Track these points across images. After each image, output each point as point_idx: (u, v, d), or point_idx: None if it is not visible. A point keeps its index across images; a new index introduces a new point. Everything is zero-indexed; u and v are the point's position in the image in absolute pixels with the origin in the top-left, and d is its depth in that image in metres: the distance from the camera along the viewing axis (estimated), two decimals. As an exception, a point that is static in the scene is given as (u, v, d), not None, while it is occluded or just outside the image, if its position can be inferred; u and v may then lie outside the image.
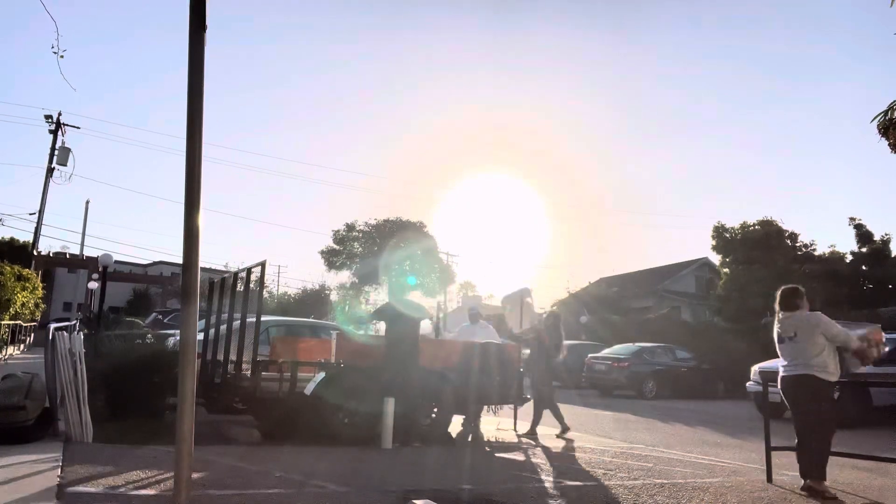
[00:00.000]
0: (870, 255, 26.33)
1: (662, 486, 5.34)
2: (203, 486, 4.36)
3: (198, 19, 2.75)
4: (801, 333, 5.25)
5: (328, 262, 35.84)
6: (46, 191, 26.43)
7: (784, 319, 5.44)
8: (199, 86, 2.74)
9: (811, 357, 5.16)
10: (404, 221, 35.48)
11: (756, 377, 11.98)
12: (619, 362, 17.26)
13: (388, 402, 6.57)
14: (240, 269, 7.67)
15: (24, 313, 20.70)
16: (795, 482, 5.34)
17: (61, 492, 4.04)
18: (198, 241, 2.67)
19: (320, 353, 7.95)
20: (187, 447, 2.51)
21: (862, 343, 5.28)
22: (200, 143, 2.73)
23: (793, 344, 5.30)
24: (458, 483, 5.24)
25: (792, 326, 5.34)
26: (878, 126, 6.13)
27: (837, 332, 5.23)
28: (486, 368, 7.70)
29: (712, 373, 18.11)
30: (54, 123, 27.06)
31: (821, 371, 5.13)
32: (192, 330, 2.64)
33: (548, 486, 5.23)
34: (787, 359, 5.35)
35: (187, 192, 2.67)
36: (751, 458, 7.20)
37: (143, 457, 5.29)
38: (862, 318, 19.44)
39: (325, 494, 4.46)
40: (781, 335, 5.41)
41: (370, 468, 5.62)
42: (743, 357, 15.58)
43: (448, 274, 38.14)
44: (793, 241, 27.67)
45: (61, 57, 5.77)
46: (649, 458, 7.13)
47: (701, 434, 9.88)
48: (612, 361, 17.44)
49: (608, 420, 11.36)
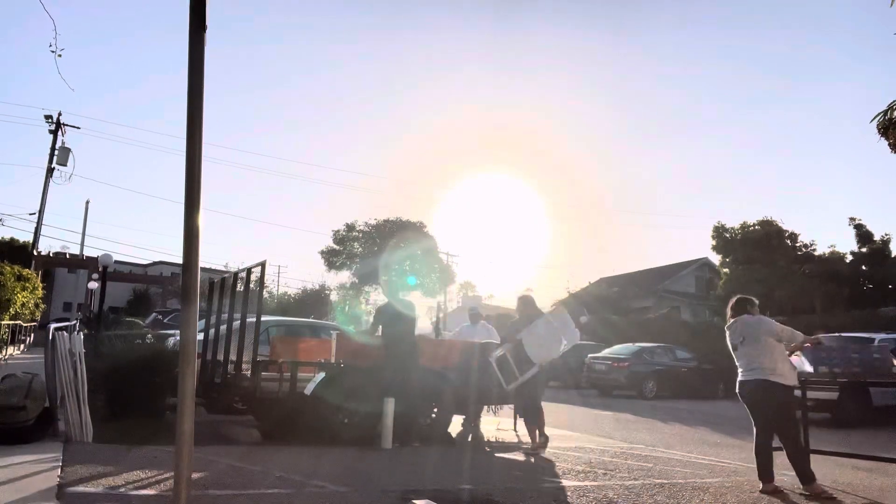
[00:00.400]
0: (870, 255, 26.36)
1: (662, 486, 5.34)
2: (203, 486, 4.36)
3: (198, 19, 2.75)
4: (748, 338, 5.33)
5: (328, 262, 35.86)
6: (46, 191, 26.47)
7: (731, 325, 5.54)
8: (199, 86, 2.73)
9: (762, 362, 5.20)
10: (404, 221, 35.48)
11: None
12: (619, 362, 17.26)
13: (388, 402, 6.57)
14: (240, 269, 7.68)
15: (24, 313, 20.70)
16: (795, 482, 5.34)
17: (61, 492, 4.04)
18: (198, 241, 2.66)
19: (320, 353, 7.94)
20: (187, 447, 2.50)
21: (809, 338, 5.53)
22: (200, 143, 2.73)
23: (743, 349, 5.37)
24: (458, 483, 5.24)
25: (738, 332, 5.43)
26: (878, 126, 6.14)
27: (780, 329, 5.30)
28: (486, 368, 7.70)
29: (712, 373, 18.08)
30: (54, 123, 27.07)
31: (774, 375, 5.15)
32: (192, 330, 2.63)
33: (548, 486, 5.23)
34: (742, 365, 5.40)
35: (187, 192, 2.66)
36: (751, 458, 7.15)
37: (143, 457, 5.29)
38: (862, 319, 19.47)
39: (325, 494, 4.46)
40: (732, 342, 5.50)
41: (370, 468, 5.62)
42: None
43: (448, 274, 38.15)
44: (793, 241, 27.71)
45: (59, 56, 5.76)
46: (649, 458, 7.13)
47: (701, 434, 9.88)
48: (612, 361, 17.43)
49: (608, 420, 11.35)
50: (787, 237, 27.62)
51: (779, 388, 5.15)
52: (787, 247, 27.27)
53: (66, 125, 27.39)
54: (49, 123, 27.07)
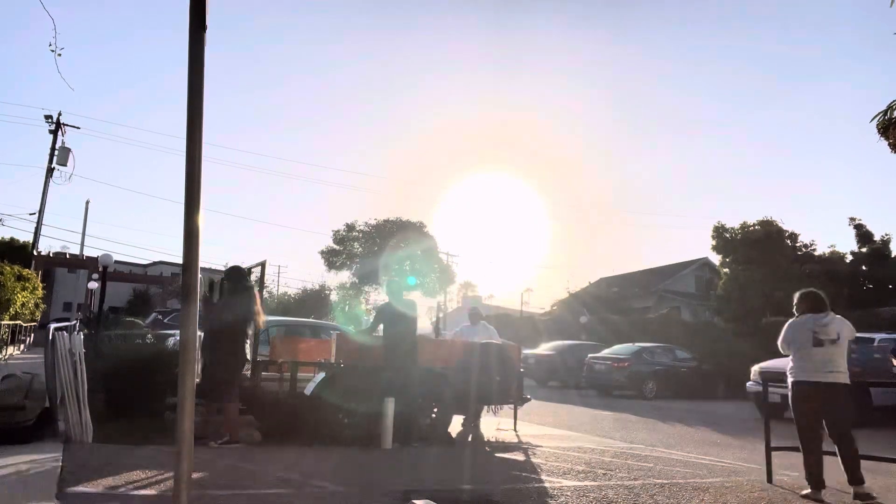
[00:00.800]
0: (870, 255, 26.35)
1: (662, 486, 5.34)
2: (203, 486, 4.36)
3: (198, 19, 2.74)
4: (843, 337, 5.10)
5: (328, 262, 35.84)
6: (46, 191, 26.44)
7: (825, 320, 5.19)
8: (199, 86, 2.73)
9: (842, 364, 5.06)
10: (404, 221, 35.47)
11: (756, 377, 11.98)
12: (619, 362, 17.26)
13: (388, 403, 6.57)
14: (240, 270, 7.66)
15: (24, 313, 20.71)
16: (795, 482, 5.34)
17: (61, 492, 4.04)
18: (198, 241, 2.66)
19: (320, 353, 7.95)
20: (187, 447, 2.50)
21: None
22: (200, 143, 2.72)
23: (834, 348, 5.09)
24: (458, 483, 5.24)
25: (834, 329, 5.13)
26: (878, 126, 6.12)
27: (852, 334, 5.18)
28: (487, 368, 7.70)
29: (712, 373, 18.10)
30: (54, 123, 27.05)
31: (846, 378, 5.08)
32: (192, 330, 2.63)
33: (548, 486, 5.23)
34: (819, 364, 5.10)
35: (187, 192, 2.66)
36: (751, 458, 7.20)
37: (143, 457, 5.29)
38: (862, 319, 19.44)
39: (325, 494, 4.46)
40: (821, 338, 5.13)
41: (370, 468, 5.62)
42: (743, 357, 15.58)
43: (448, 274, 38.13)
44: (793, 241, 27.70)
45: (59, 55, 5.76)
46: (649, 458, 7.13)
47: (701, 434, 9.88)
48: (612, 361, 17.43)
49: (608, 420, 11.35)
50: (787, 237, 27.61)
51: (849, 391, 5.09)
52: (787, 247, 27.26)
53: (66, 125, 27.38)
54: (49, 123, 27.07)
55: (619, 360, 17.32)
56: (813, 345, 5.14)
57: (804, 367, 5.20)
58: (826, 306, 5.32)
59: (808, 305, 5.36)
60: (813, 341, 5.14)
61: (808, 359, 5.18)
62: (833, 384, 5.06)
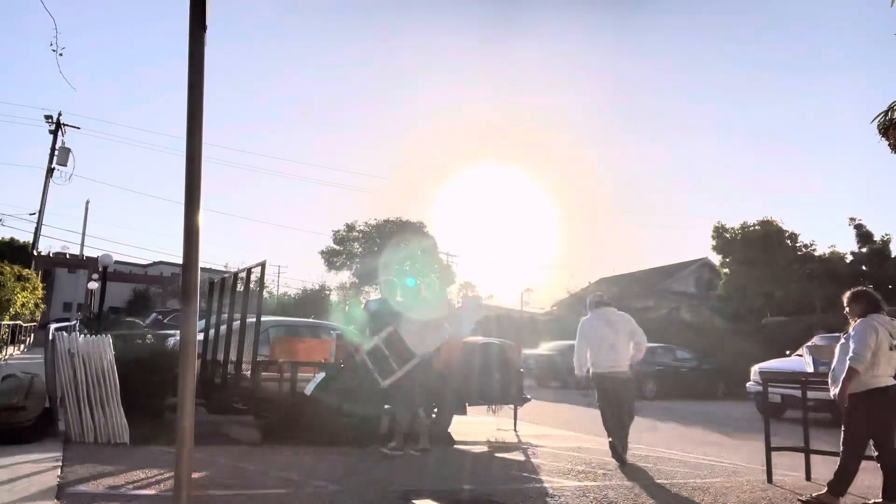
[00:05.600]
0: (870, 255, 26.37)
1: (662, 486, 5.34)
2: (203, 486, 4.36)
3: (198, 19, 2.75)
4: None
5: (328, 263, 35.89)
6: (46, 191, 26.41)
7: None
8: (200, 86, 2.73)
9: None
10: (404, 221, 35.51)
11: (756, 377, 11.98)
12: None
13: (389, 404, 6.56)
14: (240, 269, 7.68)
15: (24, 313, 20.69)
16: (795, 483, 5.34)
17: (61, 492, 4.04)
18: (198, 241, 2.66)
19: (320, 353, 7.94)
20: (187, 447, 2.50)
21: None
22: (200, 143, 2.73)
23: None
24: (458, 483, 5.24)
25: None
26: (878, 126, 6.12)
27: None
28: (487, 368, 7.70)
29: (712, 373, 18.10)
30: (54, 123, 27.02)
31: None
32: (192, 330, 2.63)
33: (548, 486, 5.23)
34: (887, 370, 4.78)
35: (187, 192, 2.66)
36: (751, 458, 7.20)
37: (143, 457, 5.29)
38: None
39: (325, 494, 4.46)
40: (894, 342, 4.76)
41: (370, 468, 5.62)
42: (743, 357, 15.58)
43: (448, 274, 38.15)
44: (793, 241, 27.70)
45: (60, 55, 5.75)
46: (649, 458, 7.14)
47: (701, 434, 9.88)
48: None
49: (608, 420, 11.34)
50: (787, 237, 27.61)
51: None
52: (787, 247, 27.26)
53: (66, 125, 27.35)
54: (49, 123, 27.04)
55: (619, 360, 17.29)
56: (889, 348, 4.77)
57: (887, 371, 4.81)
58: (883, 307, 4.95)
59: (870, 306, 4.93)
60: (889, 345, 4.78)
61: (888, 363, 4.80)
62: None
